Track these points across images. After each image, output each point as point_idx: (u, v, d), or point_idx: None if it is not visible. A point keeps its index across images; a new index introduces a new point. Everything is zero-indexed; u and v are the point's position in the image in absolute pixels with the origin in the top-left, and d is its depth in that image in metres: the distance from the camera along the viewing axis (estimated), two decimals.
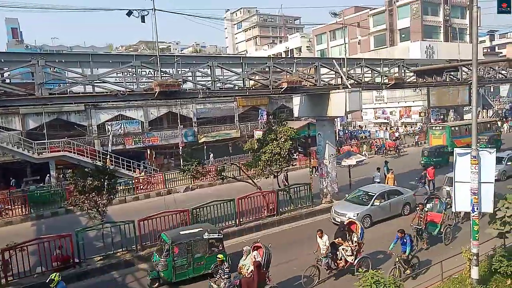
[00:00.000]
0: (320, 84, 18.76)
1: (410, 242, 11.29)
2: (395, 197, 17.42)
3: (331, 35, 62.02)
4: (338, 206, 17.42)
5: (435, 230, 13.98)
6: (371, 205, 16.58)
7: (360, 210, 16.30)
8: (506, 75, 27.07)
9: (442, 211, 14.19)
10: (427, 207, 14.52)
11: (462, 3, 51.95)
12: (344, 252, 11.69)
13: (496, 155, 20.49)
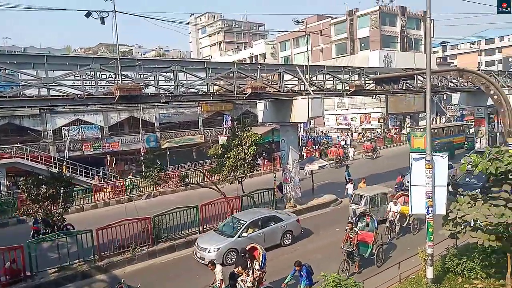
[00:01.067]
0: (284, 90, 19.01)
1: (307, 275, 9.88)
2: (271, 225, 15.03)
3: (295, 42, 63.19)
4: (202, 238, 14.83)
5: (367, 251, 12.76)
6: (238, 237, 14.02)
7: (222, 244, 13.77)
8: (457, 84, 28.74)
9: (374, 229, 13.05)
10: (359, 225, 13.49)
11: (417, 15, 54.72)
12: (243, 284, 10.33)
13: None
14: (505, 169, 9.59)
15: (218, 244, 13.82)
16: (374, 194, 16.81)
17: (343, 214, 17.94)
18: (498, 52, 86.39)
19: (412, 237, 15.34)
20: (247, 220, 14.66)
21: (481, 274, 10.70)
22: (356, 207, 16.53)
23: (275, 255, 14.19)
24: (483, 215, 9.20)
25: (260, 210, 16.50)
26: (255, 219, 14.88)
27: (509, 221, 8.83)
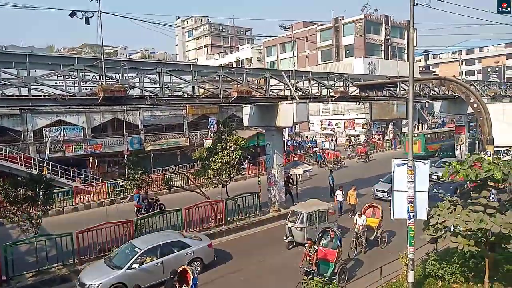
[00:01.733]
0: (270, 95, 19.09)
1: None
2: (174, 253, 12.82)
3: (281, 48, 63.61)
4: (87, 270, 12.43)
5: (328, 271, 11.63)
6: (127, 269, 11.72)
7: (106, 278, 11.44)
8: (439, 92, 29.42)
9: (337, 247, 11.97)
10: (322, 242, 12.57)
11: (401, 24, 55.88)
12: None
13: None
14: (485, 176, 9.86)
15: (101, 278, 11.42)
16: (312, 211, 15.17)
17: None
18: (478, 62, 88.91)
19: (379, 251, 14.85)
20: (142, 248, 12.30)
21: (460, 278, 10.93)
22: (292, 225, 15.15)
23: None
24: (463, 221, 9.41)
25: (165, 234, 13.95)
26: (152, 246, 12.51)
27: (487, 227, 9.05)
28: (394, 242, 15.46)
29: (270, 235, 17.23)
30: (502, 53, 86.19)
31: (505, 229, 8.84)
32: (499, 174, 9.63)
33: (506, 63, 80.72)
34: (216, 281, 12.73)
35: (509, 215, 9.17)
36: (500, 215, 9.22)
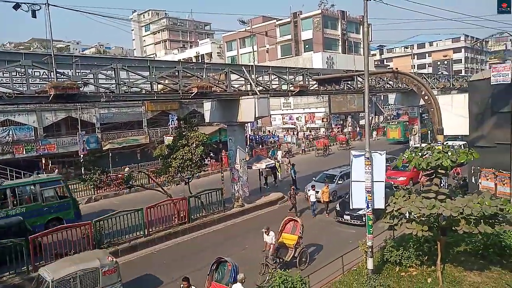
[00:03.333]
0: (231, 90, 19.01)
1: None
2: None
3: (241, 43, 63.46)
4: None
5: None
6: None
7: None
8: (393, 85, 30.63)
9: (230, 283, 9.66)
10: (215, 276, 10.18)
11: (357, 19, 57.50)
12: None
13: (329, 173, 21.23)
14: (435, 164, 10.40)
15: None
16: (67, 275, 9.47)
17: (284, 213, 18.22)
18: (429, 56, 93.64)
19: (339, 241, 14.64)
20: None
21: (415, 262, 11.52)
22: None
23: None
24: (417, 207, 9.91)
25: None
26: None
27: (439, 212, 9.60)
28: (319, 259, 13.52)
29: (234, 231, 17.26)
30: (449, 48, 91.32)
31: (455, 213, 9.41)
32: (447, 162, 10.20)
33: (453, 57, 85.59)
34: None
35: (458, 200, 9.77)
36: (450, 201, 9.79)
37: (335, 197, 20.20)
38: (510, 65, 13.15)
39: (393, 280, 10.82)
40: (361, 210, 15.16)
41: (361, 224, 15.75)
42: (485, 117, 14.41)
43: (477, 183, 14.69)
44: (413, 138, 34.28)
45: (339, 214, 17.36)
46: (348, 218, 16.86)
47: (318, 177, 22.19)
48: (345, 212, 16.91)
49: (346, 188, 19.35)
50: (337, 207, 17.76)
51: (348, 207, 15.93)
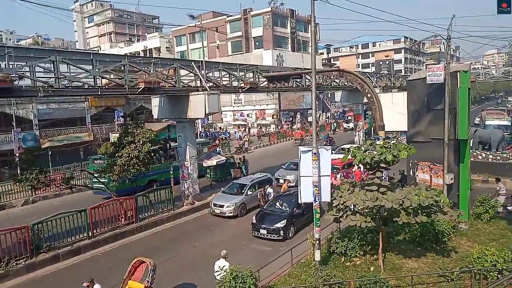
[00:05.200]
0: (180, 86, 18.61)
1: None
2: None
3: (191, 38, 62.40)
4: None
5: None
6: None
7: None
8: (339, 83, 31.79)
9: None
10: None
11: (305, 18, 58.88)
12: None
13: (239, 182, 19.64)
14: (378, 158, 10.98)
15: None
16: None
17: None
18: (372, 56, 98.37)
19: None
20: None
21: (359, 252, 12.10)
22: None
23: None
24: (361, 200, 10.41)
25: None
26: None
27: (381, 204, 10.15)
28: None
29: (184, 229, 17.00)
30: (391, 48, 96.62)
31: (395, 204, 10.01)
32: (390, 156, 10.82)
33: (394, 57, 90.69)
34: None
35: (398, 192, 10.40)
36: (391, 193, 10.39)
37: (243, 212, 18.14)
38: (443, 66, 14.18)
39: (339, 270, 11.28)
40: (279, 223, 14.77)
41: (279, 239, 14.63)
42: (422, 114, 15.41)
43: (415, 175, 15.71)
44: (357, 134, 35.88)
45: (255, 227, 15.29)
46: (264, 233, 14.94)
47: (226, 187, 20.24)
48: (262, 225, 15.11)
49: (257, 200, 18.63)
50: (253, 219, 15.75)
51: (265, 220, 15.35)
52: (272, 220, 15.20)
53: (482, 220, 14.50)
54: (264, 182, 19.81)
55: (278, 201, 16.60)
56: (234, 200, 18.11)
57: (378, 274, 10.63)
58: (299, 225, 15.74)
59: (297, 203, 15.33)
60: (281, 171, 23.89)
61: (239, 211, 17.99)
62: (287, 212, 15.57)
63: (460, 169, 14.34)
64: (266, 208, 16.41)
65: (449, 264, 11.29)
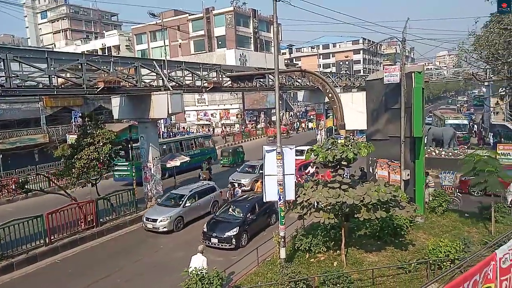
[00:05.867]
0: (141, 85, 18.18)
1: None
2: None
3: (152, 36, 61.05)
4: None
5: None
6: None
7: None
8: (301, 83, 32.38)
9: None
10: None
11: (267, 18, 59.37)
12: None
13: (178, 193, 17.81)
14: (340, 156, 11.31)
15: None
16: None
17: None
18: (332, 56, 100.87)
19: None
20: None
21: (323, 248, 12.40)
22: None
23: None
24: (324, 197, 10.68)
25: None
26: None
27: (343, 200, 10.47)
28: None
29: (147, 232, 16.60)
30: (350, 49, 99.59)
31: (356, 200, 10.36)
32: (351, 154, 11.17)
33: (353, 58, 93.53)
34: (92, 286, 11.75)
35: (359, 189, 10.77)
36: (352, 190, 10.75)
37: (180, 226, 16.31)
38: (399, 67, 14.83)
39: (304, 266, 11.50)
40: (231, 231, 13.85)
41: (231, 248, 13.81)
42: (380, 113, 16.02)
43: (374, 172, 16.32)
44: (319, 133, 36.71)
45: (205, 236, 14.23)
46: (216, 242, 13.96)
47: (163, 199, 18.83)
48: (213, 234, 14.09)
49: (200, 210, 17.39)
50: (204, 227, 14.68)
51: (217, 227, 14.33)
52: (224, 227, 14.23)
53: (436, 213, 15.32)
54: (207, 192, 18.13)
55: (231, 206, 15.64)
56: (169, 213, 16.10)
57: (341, 269, 10.94)
58: (253, 231, 15.00)
59: (251, 208, 15.17)
60: (235, 174, 23.16)
61: (174, 226, 16.03)
62: (240, 219, 14.59)
63: (416, 165, 15.07)
64: (218, 215, 15.43)
65: (407, 256, 11.83)
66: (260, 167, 22.00)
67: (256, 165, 23.18)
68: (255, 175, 22.15)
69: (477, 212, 15.22)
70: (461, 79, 46.82)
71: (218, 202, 18.29)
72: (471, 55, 26.44)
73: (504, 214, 14.38)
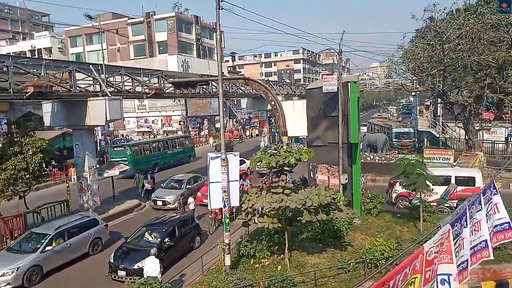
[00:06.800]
0: (76, 90, 17.18)
1: None
2: None
3: (88, 39, 58.06)
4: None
5: None
6: None
7: None
8: (245, 90, 32.76)
9: None
10: None
11: (210, 25, 59.31)
12: None
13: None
14: (282, 162, 11.59)
15: None
16: None
17: (147, 218, 17.53)
18: (274, 65, 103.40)
19: None
20: None
21: (267, 253, 12.58)
22: None
23: None
24: (268, 202, 10.87)
25: None
26: None
27: (287, 205, 10.73)
28: None
29: None
30: (291, 58, 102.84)
31: (299, 204, 10.68)
32: (293, 159, 11.50)
33: (294, 67, 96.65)
34: None
35: (301, 193, 11.12)
36: (295, 194, 11.07)
37: (34, 278, 12.27)
38: (336, 77, 15.64)
39: (249, 272, 11.57)
40: (140, 262, 11.64)
41: None
42: (319, 120, 16.74)
43: (315, 177, 16.96)
44: (263, 140, 37.32)
45: (111, 269, 12.27)
46: (123, 275, 11.97)
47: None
48: (120, 265, 12.15)
49: (70, 253, 13.49)
50: (111, 258, 12.63)
51: (126, 257, 12.37)
52: (134, 257, 12.12)
53: (372, 215, 16.28)
54: (84, 227, 14.22)
55: (146, 231, 13.50)
56: (14, 264, 11.99)
57: (285, 273, 11.18)
58: (171, 259, 13.08)
59: (170, 232, 13.31)
60: (159, 191, 20.65)
61: (25, 279, 12.01)
62: (154, 247, 12.01)
63: (353, 170, 15.93)
64: (129, 241, 13.19)
65: (346, 256, 12.40)
66: (188, 181, 21.21)
67: (183, 179, 21.40)
68: (181, 191, 20.08)
69: (407, 212, 16.42)
70: (392, 89, 50.54)
71: (102, 239, 14.89)
72: (399, 67, 28.75)
73: (431, 213, 15.70)
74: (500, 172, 21.06)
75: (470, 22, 22.58)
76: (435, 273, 5.32)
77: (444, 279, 5.49)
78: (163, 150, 31.19)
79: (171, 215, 15.17)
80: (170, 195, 20.00)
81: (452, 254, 5.45)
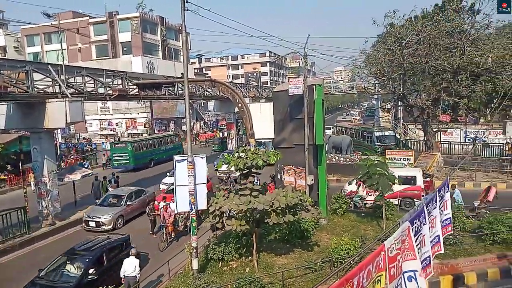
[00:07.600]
0: (34, 91, 16.39)
1: None
2: None
3: (46, 38, 55.62)
4: None
5: None
6: None
7: None
8: (212, 93, 32.60)
9: None
10: None
11: (176, 27, 58.55)
12: None
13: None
14: (250, 164, 11.62)
15: None
16: None
17: None
18: (241, 67, 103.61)
19: None
20: None
21: (235, 255, 12.54)
22: None
23: None
24: (236, 204, 10.84)
25: None
26: None
27: (254, 206, 10.76)
28: None
29: (41, 255, 14.85)
30: (258, 61, 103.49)
31: (266, 206, 10.74)
32: (260, 161, 11.56)
33: (261, 70, 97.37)
34: None
35: (268, 195, 11.20)
36: (263, 196, 11.12)
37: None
38: (302, 80, 15.90)
39: (217, 275, 11.49)
40: None
41: None
42: (286, 123, 16.93)
43: (282, 179, 17.13)
44: (230, 142, 37.26)
45: None
46: None
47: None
48: None
49: None
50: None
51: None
52: None
53: (338, 215, 16.65)
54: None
55: (66, 260, 10.98)
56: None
57: (253, 274, 11.19)
58: None
59: (94, 261, 10.82)
60: (93, 209, 17.72)
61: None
62: (73, 282, 10.09)
63: (319, 171, 16.23)
64: (43, 275, 10.62)
65: (313, 256, 12.60)
66: (128, 196, 18.22)
67: (122, 195, 18.28)
68: (119, 209, 17.42)
69: (371, 212, 16.94)
70: (355, 92, 52.04)
71: None
72: (362, 71, 29.71)
73: (393, 212, 16.28)
74: (455, 171, 22.23)
75: (427, 29, 23.77)
76: (400, 270, 5.52)
77: (411, 276, 5.69)
78: (158, 147, 34.29)
79: (102, 238, 12.59)
80: (105, 214, 16.94)
81: (415, 250, 5.70)
